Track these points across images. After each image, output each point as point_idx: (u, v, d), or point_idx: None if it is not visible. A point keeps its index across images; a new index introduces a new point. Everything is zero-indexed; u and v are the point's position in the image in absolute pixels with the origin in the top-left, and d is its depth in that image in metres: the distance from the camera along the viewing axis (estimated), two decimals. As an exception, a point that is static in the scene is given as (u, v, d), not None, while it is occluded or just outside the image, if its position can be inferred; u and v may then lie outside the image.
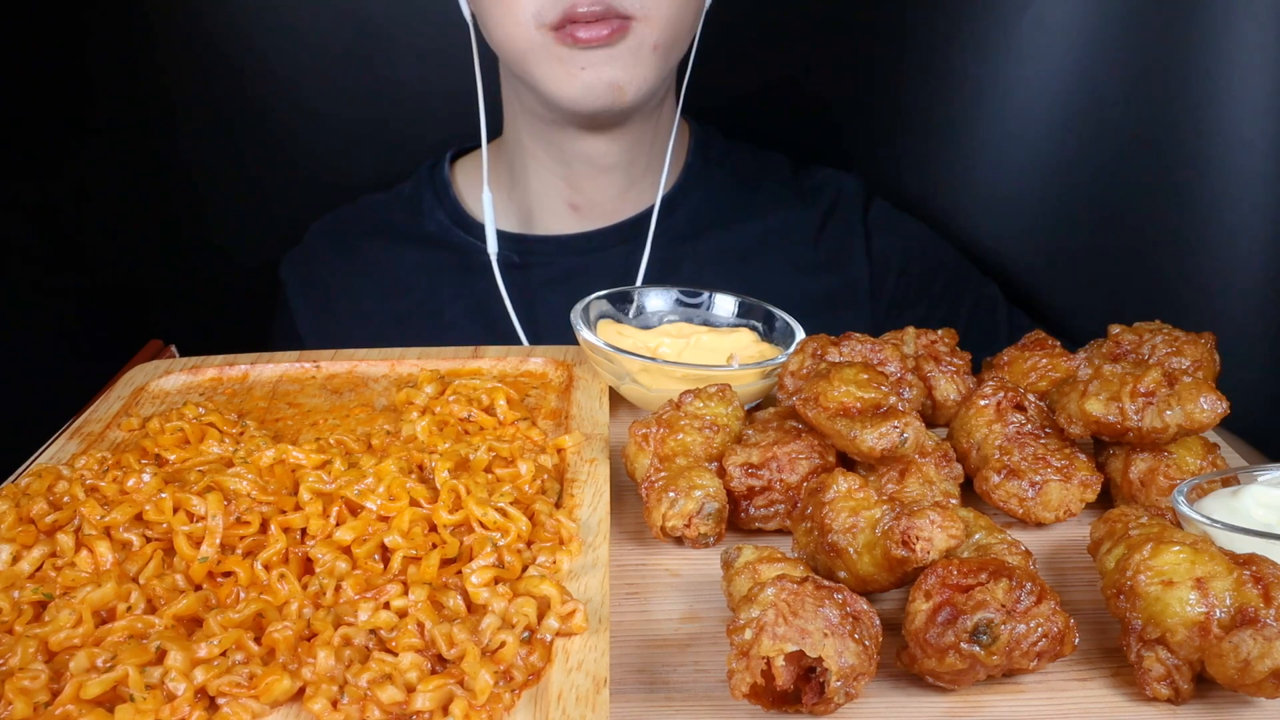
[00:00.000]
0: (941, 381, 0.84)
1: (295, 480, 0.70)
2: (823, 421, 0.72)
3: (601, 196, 1.19)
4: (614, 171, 1.17)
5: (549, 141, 1.15)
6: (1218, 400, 0.69)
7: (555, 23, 1.00)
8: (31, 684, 0.54)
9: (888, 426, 0.69)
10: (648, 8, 1.01)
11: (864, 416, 0.71)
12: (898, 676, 0.59)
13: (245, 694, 0.55)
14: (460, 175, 1.26)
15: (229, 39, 1.46)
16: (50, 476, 0.71)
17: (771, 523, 0.73)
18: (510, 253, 1.19)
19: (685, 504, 0.70)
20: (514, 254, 1.20)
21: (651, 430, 0.76)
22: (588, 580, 0.63)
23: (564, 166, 1.17)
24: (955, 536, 0.60)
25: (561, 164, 1.17)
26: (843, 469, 0.67)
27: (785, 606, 0.54)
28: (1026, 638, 0.55)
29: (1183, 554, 0.57)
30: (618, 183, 1.18)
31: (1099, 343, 0.86)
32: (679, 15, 1.05)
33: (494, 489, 0.69)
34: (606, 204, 1.19)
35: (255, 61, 1.47)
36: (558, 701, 0.54)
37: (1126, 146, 1.22)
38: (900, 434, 0.69)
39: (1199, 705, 0.57)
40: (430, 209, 1.24)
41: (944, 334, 0.89)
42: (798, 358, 0.84)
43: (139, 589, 0.61)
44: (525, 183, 1.20)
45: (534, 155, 1.18)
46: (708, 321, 0.97)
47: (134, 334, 1.07)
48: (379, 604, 0.60)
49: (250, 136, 1.49)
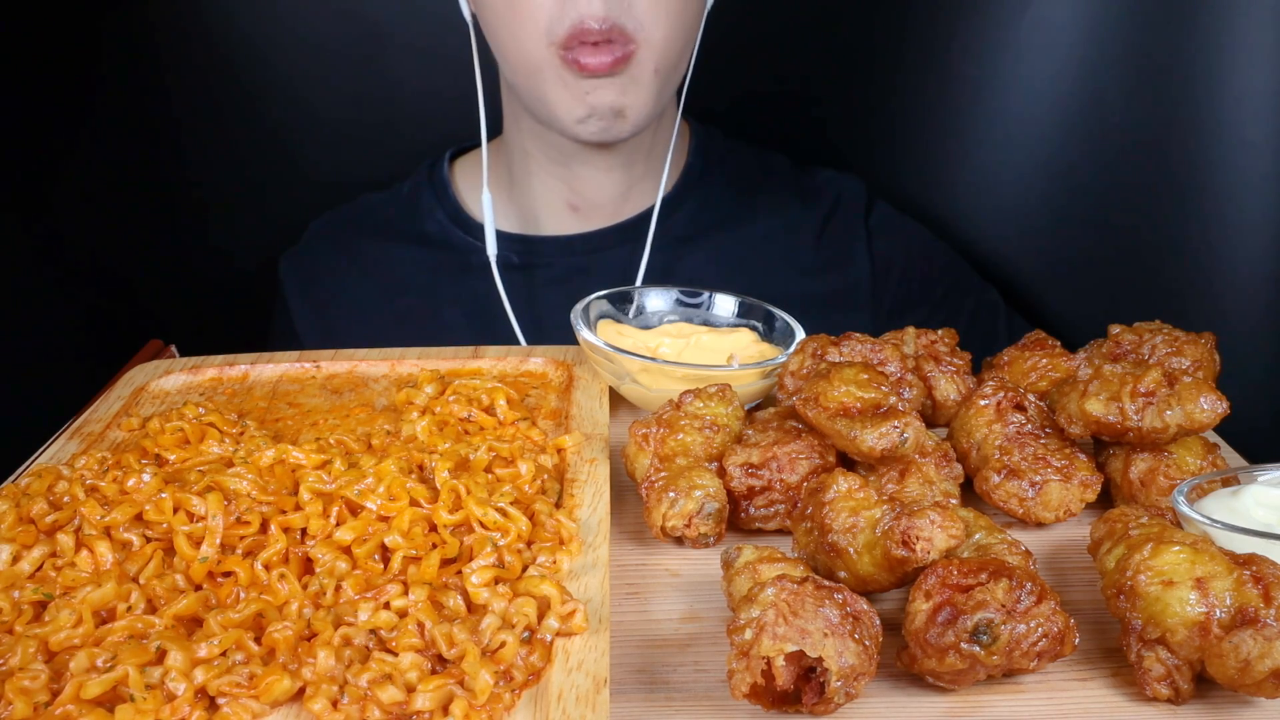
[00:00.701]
0: (941, 381, 0.84)
1: (295, 480, 0.70)
2: (823, 421, 0.72)
3: (602, 197, 1.19)
4: (614, 173, 1.17)
5: (548, 144, 1.16)
6: (1218, 400, 0.69)
7: (564, 40, 1.01)
8: (31, 684, 0.54)
9: (888, 426, 0.69)
10: (648, 28, 1.02)
11: (864, 416, 0.71)
12: (898, 676, 0.59)
13: (245, 694, 0.55)
14: (460, 175, 1.26)
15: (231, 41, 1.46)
16: (50, 476, 0.71)
17: (772, 522, 0.73)
18: (510, 253, 1.19)
19: (685, 504, 0.70)
20: (514, 254, 1.20)
21: (651, 430, 0.76)
22: (588, 580, 0.63)
23: (563, 168, 1.17)
24: (955, 537, 0.60)
25: (561, 165, 1.17)
26: (843, 469, 0.67)
27: (785, 606, 0.54)
28: (1026, 638, 0.55)
29: (1183, 554, 0.57)
30: (618, 184, 1.18)
31: (1099, 343, 0.86)
32: (677, 36, 1.05)
33: (494, 489, 0.69)
34: (607, 205, 1.19)
35: (256, 62, 1.47)
36: (558, 701, 0.54)
37: (1127, 147, 1.22)
38: (900, 434, 0.69)
39: (1199, 705, 0.57)
40: (429, 208, 1.24)
41: (944, 334, 0.89)
42: (798, 357, 0.84)
43: (139, 589, 0.61)
44: (525, 183, 1.20)
45: (533, 157, 1.18)
46: (708, 321, 0.97)
47: (134, 334, 1.07)
48: (379, 604, 0.60)
49: (251, 136, 1.49)
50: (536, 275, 1.20)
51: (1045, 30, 1.27)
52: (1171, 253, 1.21)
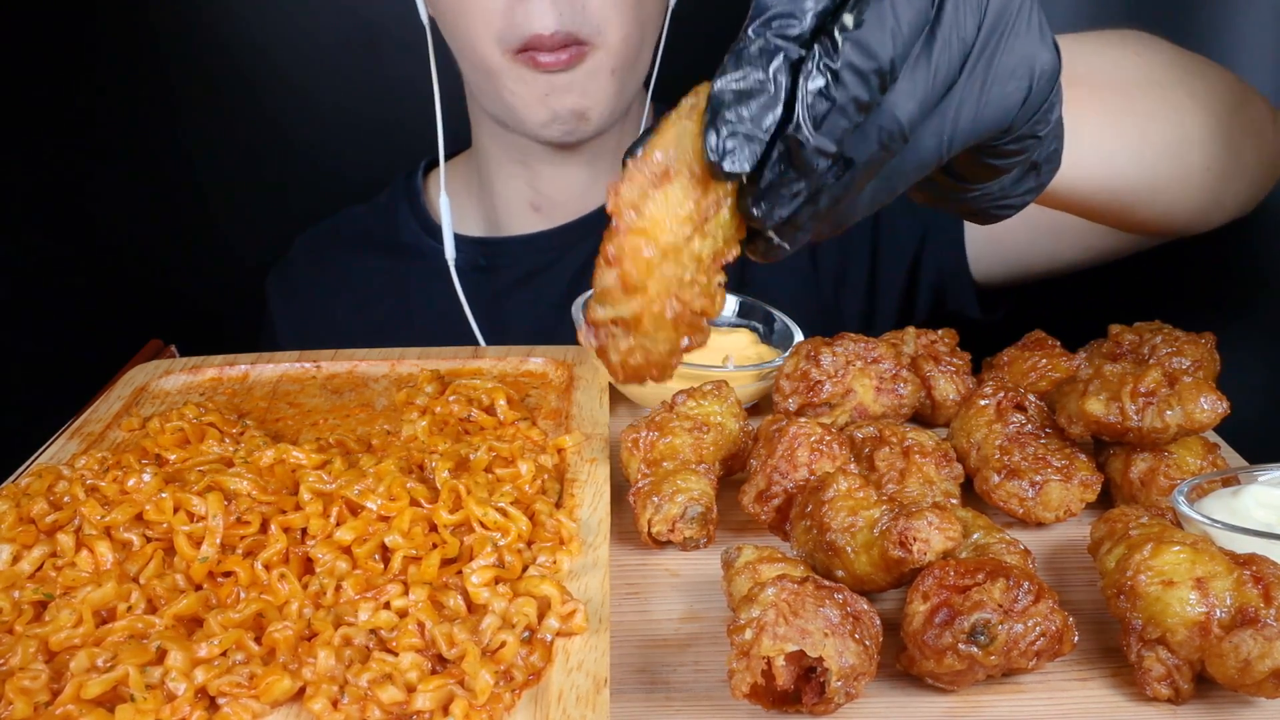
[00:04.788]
0: (941, 381, 0.84)
1: (295, 480, 0.70)
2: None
3: (564, 194, 1.18)
4: (577, 169, 1.17)
5: (509, 144, 1.16)
6: (1218, 400, 0.69)
7: (517, 48, 1.01)
8: (31, 684, 0.54)
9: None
10: (605, 33, 1.02)
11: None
12: (898, 676, 0.59)
13: (245, 694, 0.55)
14: (432, 184, 1.27)
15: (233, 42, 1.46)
16: (50, 476, 0.71)
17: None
18: (476, 256, 1.20)
19: (669, 508, 0.69)
20: (480, 257, 1.20)
21: (641, 435, 0.75)
22: (588, 580, 0.63)
23: (525, 168, 1.17)
24: (953, 538, 0.60)
25: (522, 165, 1.17)
26: (844, 469, 0.67)
27: (786, 606, 0.54)
28: (1024, 637, 0.55)
29: (1183, 554, 0.57)
30: (581, 180, 1.18)
31: (1099, 343, 0.86)
32: (634, 34, 1.05)
33: (494, 489, 0.69)
34: (569, 201, 1.19)
35: (259, 63, 1.47)
36: (558, 701, 0.54)
37: (1126, 146, 1.22)
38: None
39: (1199, 705, 0.57)
40: (405, 219, 1.25)
41: (944, 334, 0.89)
42: (793, 360, 0.83)
43: (139, 589, 0.61)
44: (489, 185, 1.21)
45: (495, 158, 1.19)
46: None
47: (134, 334, 1.07)
48: (379, 604, 0.60)
49: (253, 137, 1.49)
50: (501, 277, 1.20)
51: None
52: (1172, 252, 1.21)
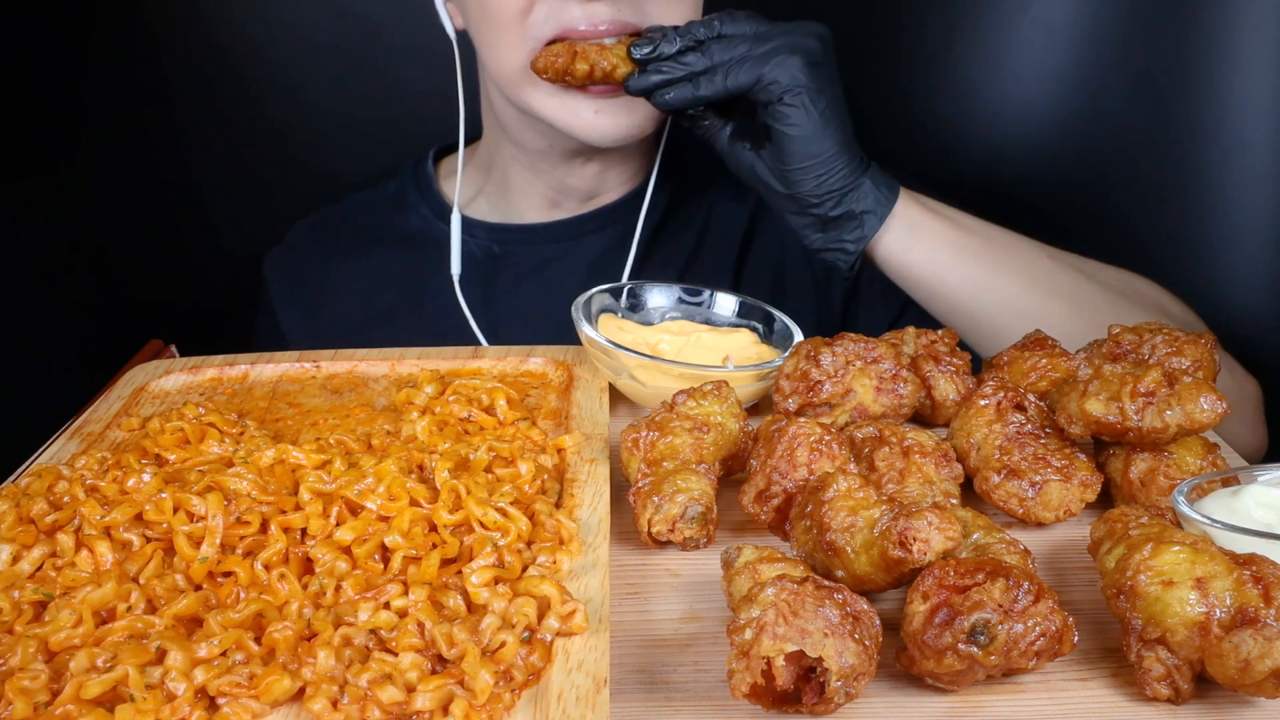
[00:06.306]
0: (941, 381, 0.84)
1: (295, 480, 0.70)
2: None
3: (578, 184, 1.19)
4: (595, 167, 1.17)
5: (528, 149, 1.16)
6: (1218, 400, 0.69)
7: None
8: (31, 684, 0.54)
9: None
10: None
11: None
12: (898, 676, 0.59)
13: (245, 694, 0.55)
14: (445, 172, 1.27)
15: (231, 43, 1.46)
16: (50, 476, 0.71)
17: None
18: (490, 243, 1.21)
19: (669, 509, 0.69)
20: (494, 244, 1.21)
21: (642, 435, 0.75)
22: (588, 580, 0.63)
23: (539, 156, 1.17)
24: (952, 538, 0.60)
25: (537, 154, 1.17)
26: (843, 469, 0.67)
27: (785, 606, 0.54)
28: (1024, 637, 0.55)
29: (1183, 554, 0.57)
30: (594, 170, 1.18)
31: (1099, 343, 0.86)
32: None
33: (494, 489, 0.69)
34: (583, 191, 1.19)
35: (257, 64, 1.47)
36: (558, 701, 0.54)
37: (1127, 147, 1.22)
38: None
39: (1199, 705, 0.57)
40: (414, 205, 1.25)
41: (944, 334, 0.89)
42: (792, 360, 0.83)
43: (139, 589, 0.61)
44: (503, 172, 1.21)
45: (514, 156, 1.19)
46: (709, 320, 0.97)
47: (134, 334, 1.07)
48: (379, 604, 0.60)
49: (251, 137, 1.49)
50: (514, 264, 1.20)
51: (1045, 30, 1.27)
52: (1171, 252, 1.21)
